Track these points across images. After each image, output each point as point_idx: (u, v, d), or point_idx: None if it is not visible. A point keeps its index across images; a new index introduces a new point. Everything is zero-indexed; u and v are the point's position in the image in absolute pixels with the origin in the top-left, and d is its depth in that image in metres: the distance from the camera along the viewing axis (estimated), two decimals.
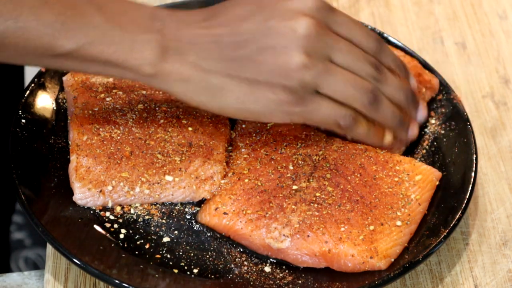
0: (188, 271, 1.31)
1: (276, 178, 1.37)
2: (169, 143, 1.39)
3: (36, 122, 1.43)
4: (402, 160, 1.40)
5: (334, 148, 1.41)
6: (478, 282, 1.36)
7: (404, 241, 1.33)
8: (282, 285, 1.29)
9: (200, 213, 1.37)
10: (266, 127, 1.45)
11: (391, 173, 1.39)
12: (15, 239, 2.01)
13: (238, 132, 1.46)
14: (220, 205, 1.35)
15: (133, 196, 1.36)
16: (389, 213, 1.34)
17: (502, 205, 1.45)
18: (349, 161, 1.39)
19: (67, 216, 1.34)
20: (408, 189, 1.37)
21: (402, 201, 1.36)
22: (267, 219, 1.33)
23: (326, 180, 1.36)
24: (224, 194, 1.36)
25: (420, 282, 1.35)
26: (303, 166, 1.39)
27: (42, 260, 1.95)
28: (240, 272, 1.31)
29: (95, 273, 1.26)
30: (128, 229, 1.35)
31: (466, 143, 1.43)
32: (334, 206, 1.34)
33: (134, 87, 1.47)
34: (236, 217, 1.34)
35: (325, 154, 1.40)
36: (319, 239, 1.30)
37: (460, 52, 1.68)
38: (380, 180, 1.38)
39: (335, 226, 1.32)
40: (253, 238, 1.33)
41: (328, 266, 1.31)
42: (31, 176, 1.36)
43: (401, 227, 1.33)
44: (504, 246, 1.40)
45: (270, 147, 1.42)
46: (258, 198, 1.35)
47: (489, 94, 1.61)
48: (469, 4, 1.76)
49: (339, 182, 1.37)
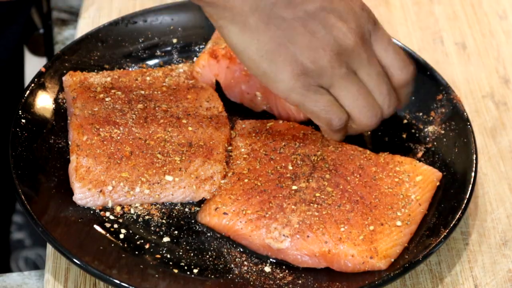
0: (188, 271, 1.31)
1: (276, 178, 1.37)
2: (169, 143, 1.39)
3: (36, 122, 1.43)
4: (403, 161, 1.40)
5: (332, 148, 1.41)
6: (478, 282, 1.36)
7: (404, 241, 1.33)
8: (282, 285, 1.29)
9: (200, 213, 1.37)
10: (266, 127, 1.45)
11: (391, 173, 1.39)
12: (15, 239, 2.01)
13: (238, 132, 1.46)
14: (220, 205, 1.35)
15: (133, 196, 1.36)
16: (389, 213, 1.34)
17: (502, 205, 1.45)
18: (348, 162, 1.39)
19: (67, 216, 1.34)
20: (408, 189, 1.37)
21: (402, 201, 1.36)
22: (267, 219, 1.33)
23: (326, 181, 1.36)
24: (224, 194, 1.36)
25: (420, 282, 1.35)
26: (302, 166, 1.39)
27: (42, 260, 1.95)
28: (240, 272, 1.31)
29: (95, 273, 1.26)
30: (128, 229, 1.35)
31: (466, 143, 1.43)
32: (333, 207, 1.34)
33: (132, 87, 1.47)
34: (236, 217, 1.34)
35: (324, 154, 1.40)
36: (319, 239, 1.30)
37: (460, 52, 1.68)
38: (380, 180, 1.38)
39: (335, 226, 1.32)
40: (253, 238, 1.33)
41: (328, 266, 1.31)
42: (31, 176, 1.36)
43: (401, 227, 1.33)
44: (504, 246, 1.40)
45: (269, 147, 1.42)
46: (258, 198, 1.35)
47: (489, 94, 1.61)
48: (469, 4, 1.76)
49: (338, 182, 1.37)
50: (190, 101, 1.46)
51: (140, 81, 1.48)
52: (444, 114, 1.48)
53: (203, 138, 1.41)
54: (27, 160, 1.38)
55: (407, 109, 1.51)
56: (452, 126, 1.46)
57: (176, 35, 1.60)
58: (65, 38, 1.69)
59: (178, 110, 1.44)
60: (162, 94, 1.46)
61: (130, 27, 1.58)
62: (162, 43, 1.59)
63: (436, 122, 1.48)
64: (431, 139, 1.47)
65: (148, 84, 1.48)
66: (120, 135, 1.39)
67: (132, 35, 1.58)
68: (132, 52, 1.57)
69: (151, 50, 1.58)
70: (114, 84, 1.46)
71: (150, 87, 1.47)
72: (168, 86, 1.48)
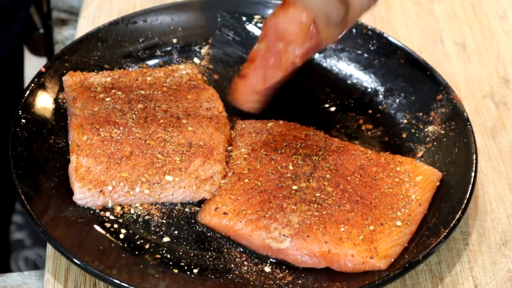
0: (188, 271, 1.31)
1: (276, 178, 1.37)
2: (169, 143, 1.39)
3: (36, 122, 1.43)
4: (403, 161, 1.41)
5: (334, 148, 1.41)
6: (478, 282, 1.36)
7: (404, 241, 1.33)
8: (282, 285, 1.29)
9: (200, 213, 1.37)
10: (266, 127, 1.45)
11: (391, 173, 1.39)
12: (15, 239, 2.01)
13: (238, 132, 1.46)
14: (220, 205, 1.35)
15: (133, 196, 1.36)
16: (389, 213, 1.34)
17: (502, 205, 1.45)
18: (349, 162, 1.39)
19: (67, 216, 1.34)
20: (408, 189, 1.37)
21: (402, 201, 1.36)
22: (267, 219, 1.33)
23: (326, 181, 1.36)
24: (224, 194, 1.36)
25: (420, 282, 1.35)
26: (303, 166, 1.39)
27: (42, 260, 1.95)
28: (240, 272, 1.31)
29: (95, 273, 1.26)
30: (128, 229, 1.35)
31: (466, 143, 1.43)
32: (334, 206, 1.34)
33: (133, 87, 1.47)
34: (236, 217, 1.34)
35: (325, 154, 1.40)
36: (319, 239, 1.30)
37: (460, 52, 1.68)
38: (381, 180, 1.38)
39: (335, 226, 1.32)
40: (253, 238, 1.33)
41: (328, 266, 1.31)
42: (31, 176, 1.36)
43: (401, 227, 1.33)
44: (504, 246, 1.40)
45: (270, 147, 1.42)
46: (258, 198, 1.35)
47: (489, 94, 1.61)
48: (469, 4, 1.76)
49: (339, 182, 1.37)
50: (190, 101, 1.46)
51: (141, 81, 1.48)
52: (444, 114, 1.48)
53: (203, 138, 1.41)
54: (27, 160, 1.38)
55: (407, 109, 1.51)
56: (452, 126, 1.46)
57: (176, 35, 1.60)
58: (65, 38, 1.69)
59: (178, 110, 1.44)
60: (163, 94, 1.46)
61: (130, 27, 1.58)
62: (162, 43, 1.59)
63: (436, 122, 1.48)
64: (431, 139, 1.47)
65: (149, 84, 1.48)
66: (120, 135, 1.39)
67: (132, 35, 1.58)
68: (132, 52, 1.57)
69: (151, 50, 1.58)
70: (114, 84, 1.46)
71: (151, 87, 1.47)
72: (168, 86, 1.48)
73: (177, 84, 1.49)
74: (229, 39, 1.60)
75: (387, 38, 1.57)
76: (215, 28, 1.61)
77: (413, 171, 1.39)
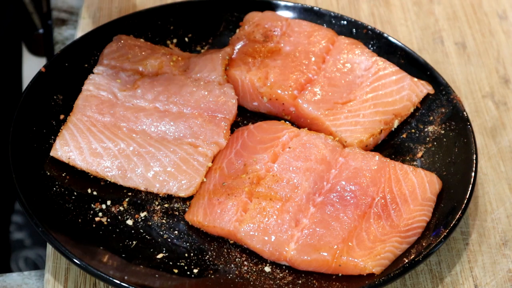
0: (188, 271, 1.31)
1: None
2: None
3: (36, 122, 1.43)
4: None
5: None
6: (478, 282, 1.36)
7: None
8: (282, 285, 1.29)
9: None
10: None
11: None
12: (15, 239, 2.01)
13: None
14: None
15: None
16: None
17: (502, 205, 1.45)
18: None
19: (67, 216, 1.34)
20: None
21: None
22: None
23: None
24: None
25: (420, 282, 1.35)
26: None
27: (42, 260, 1.95)
28: (240, 272, 1.31)
29: (95, 273, 1.26)
30: (128, 229, 1.35)
31: (466, 143, 1.43)
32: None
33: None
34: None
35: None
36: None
37: (460, 52, 1.68)
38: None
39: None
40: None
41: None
42: (31, 176, 1.36)
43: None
44: (504, 246, 1.40)
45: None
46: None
47: (489, 94, 1.61)
48: (469, 4, 1.76)
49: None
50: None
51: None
52: (444, 114, 1.48)
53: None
54: (27, 160, 1.38)
55: None
56: (452, 126, 1.46)
57: (176, 35, 1.60)
58: (65, 38, 1.69)
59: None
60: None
61: (130, 27, 1.58)
62: (162, 43, 1.59)
63: (436, 122, 1.48)
64: (431, 139, 1.47)
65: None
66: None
67: (132, 35, 1.57)
68: None
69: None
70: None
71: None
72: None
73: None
74: (229, 39, 1.60)
75: (387, 38, 1.57)
76: (215, 28, 1.62)
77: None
